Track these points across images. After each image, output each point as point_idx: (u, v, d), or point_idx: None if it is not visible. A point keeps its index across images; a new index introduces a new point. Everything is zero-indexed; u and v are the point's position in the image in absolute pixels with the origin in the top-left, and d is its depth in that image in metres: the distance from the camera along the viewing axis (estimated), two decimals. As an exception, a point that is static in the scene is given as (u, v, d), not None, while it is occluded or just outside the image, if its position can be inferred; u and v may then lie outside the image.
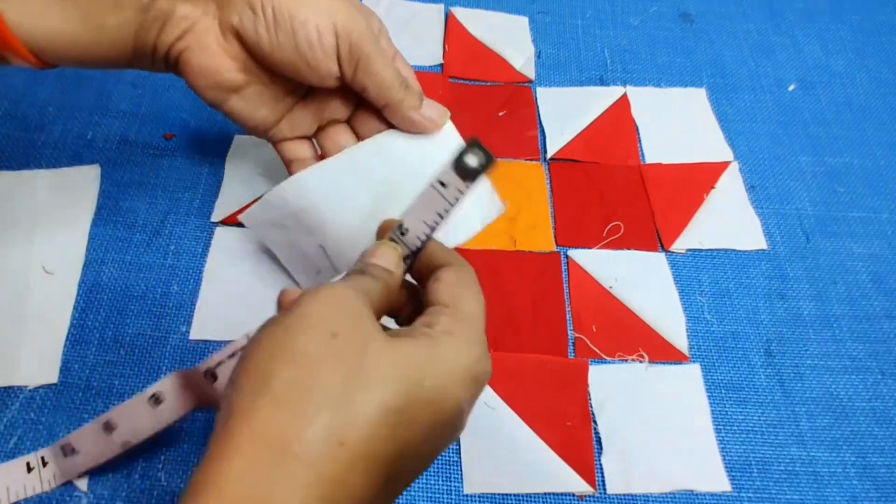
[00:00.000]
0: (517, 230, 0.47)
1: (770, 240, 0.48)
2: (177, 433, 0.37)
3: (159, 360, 0.40)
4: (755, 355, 0.43)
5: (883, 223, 0.50)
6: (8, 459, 0.36)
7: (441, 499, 0.37)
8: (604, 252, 0.46)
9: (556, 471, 0.38)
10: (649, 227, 0.48)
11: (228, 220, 0.46)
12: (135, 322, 0.41)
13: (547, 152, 0.51)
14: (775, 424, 0.40)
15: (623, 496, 0.37)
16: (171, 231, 0.45)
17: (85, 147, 0.48)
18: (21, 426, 0.37)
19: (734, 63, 0.59)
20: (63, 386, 0.39)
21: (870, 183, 0.52)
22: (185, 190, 0.47)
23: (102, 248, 0.44)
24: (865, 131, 0.55)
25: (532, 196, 0.49)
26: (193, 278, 0.43)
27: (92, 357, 0.40)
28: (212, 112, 0.51)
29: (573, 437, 0.39)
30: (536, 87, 0.55)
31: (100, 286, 0.42)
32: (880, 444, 0.40)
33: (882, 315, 0.45)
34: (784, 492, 0.38)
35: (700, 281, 0.46)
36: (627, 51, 0.59)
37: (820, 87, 0.58)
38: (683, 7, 0.63)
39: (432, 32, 0.58)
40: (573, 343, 0.43)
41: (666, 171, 0.51)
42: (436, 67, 0.56)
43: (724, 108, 0.56)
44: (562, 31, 0.60)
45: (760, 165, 0.52)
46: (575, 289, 0.45)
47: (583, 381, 0.41)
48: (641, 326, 0.43)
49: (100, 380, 0.39)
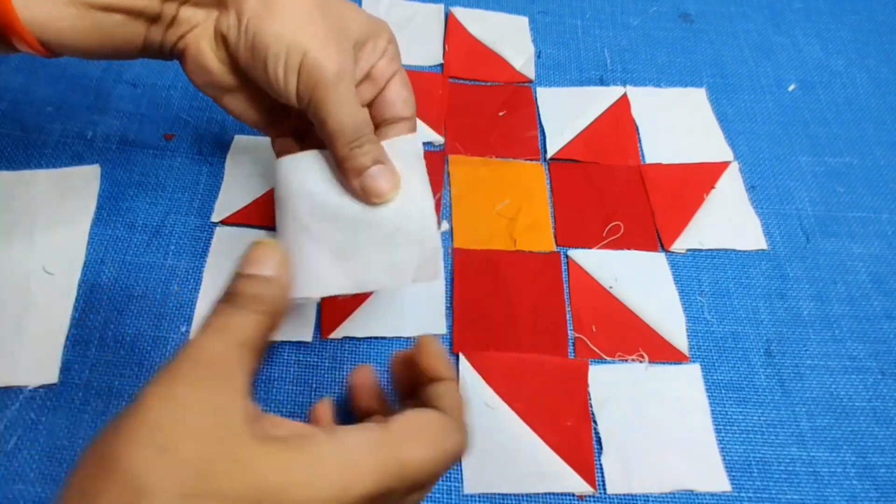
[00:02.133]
0: (517, 230, 0.47)
1: (770, 240, 0.48)
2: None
3: (159, 360, 0.40)
4: (755, 355, 0.43)
5: (883, 223, 0.50)
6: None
7: (441, 499, 0.37)
8: (604, 252, 0.46)
9: (556, 471, 0.38)
10: (649, 227, 0.48)
11: (228, 220, 0.46)
12: (135, 322, 0.41)
13: (547, 152, 0.51)
14: (775, 424, 0.40)
15: (623, 496, 0.37)
16: (171, 231, 0.45)
17: (85, 147, 0.48)
18: (21, 426, 0.37)
19: (734, 63, 0.59)
20: (63, 386, 0.39)
21: (870, 183, 0.52)
22: (185, 190, 0.47)
23: (102, 248, 0.44)
24: (865, 131, 0.55)
25: (532, 196, 0.49)
26: (193, 278, 0.43)
27: (92, 357, 0.40)
28: (212, 112, 0.51)
29: (573, 437, 0.39)
30: (536, 87, 0.55)
31: (100, 286, 0.42)
32: (880, 444, 0.40)
33: (882, 315, 0.45)
34: (784, 492, 0.38)
35: (700, 281, 0.46)
36: (627, 51, 0.59)
37: (820, 87, 0.58)
38: (683, 7, 0.63)
39: (432, 32, 0.58)
40: (573, 343, 0.43)
41: (666, 171, 0.51)
42: (436, 67, 0.56)
43: (724, 108, 0.56)
44: (562, 31, 0.60)
45: (760, 165, 0.52)
46: (575, 289, 0.45)
47: (583, 381, 0.41)
48: (641, 326, 0.43)
49: (100, 380, 0.39)
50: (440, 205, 0.48)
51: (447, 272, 0.45)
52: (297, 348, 0.41)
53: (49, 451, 0.36)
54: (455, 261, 0.45)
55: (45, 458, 0.36)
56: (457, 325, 0.42)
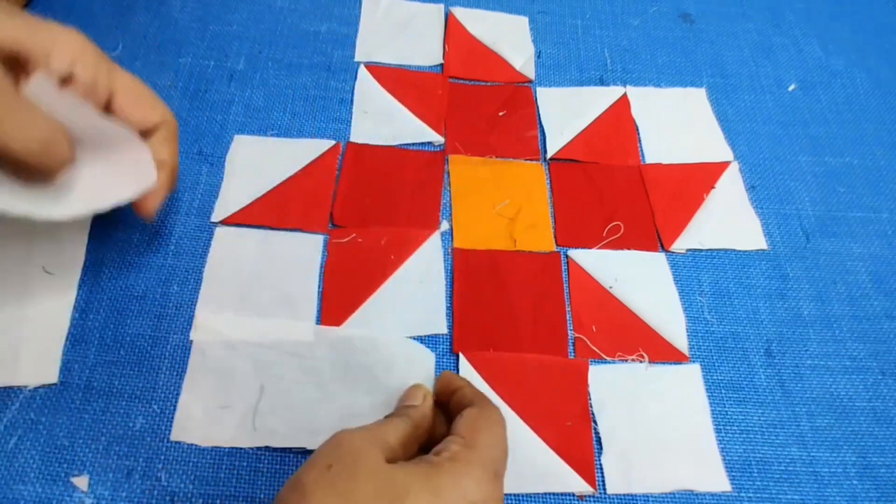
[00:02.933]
0: (517, 230, 0.47)
1: (770, 240, 0.48)
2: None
3: (159, 360, 0.40)
4: (755, 355, 0.43)
5: (883, 223, 0.50)
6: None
7: (441, 499, 0.37)
8: (604, 252, 0.46)
9: (556, 471, 0.38)
10: (649, 227, 0.48)
11: (228, 220, 0.46)
12: (135, 322, 0.41)
13: (547, 152, 0.51)
14: (775, 424, 0.40)
15: (623, 496, 0.37)
16: (171, 231, 0.45)
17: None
18: (21, 426, 0.37)
19: (734, 63, 0.59)
20: (63, 386, 0.39)
21: (870, 183, 0.52)
22: (185, 190, 0.47)
23: (102, 248, 0.44)
24: (865, 131, 0.55)
25: (532, 196, 0.49)
26: (193, 278, 0.43)
27: (92, 357, 0.40)
28: (212, 112, 0.51)
29: (573, 437, 0.39)
30: (536, 87, 0.55)
31: (100, 286, 0.42)
32: (880, 444, 0.40)
33: (882, 315, 0.45)
34: (784, 492, 0.38)
35: (700, 281, 0.46)
36: (627, 51, 0.59)
37: (820, 87, 0.58)
38: (683, 7, 0.63)
39: (432, 32, 0.58)
40: (573, 343, 0.43)
41: (666, 171, 0.51)
42: (436, 67, 0.56)
43: (724, 108, 0.56)
44: (562, 31, 0.60)
45: (760, 165, 0.52)
46: (575, 289, 0.45)
47: (583, 381, 0.41)
48: (641, 326, 0.43)
49: (100, 380, 0.39)
50: (440, 205, 0.48)
51: (447, 272, 0.45)
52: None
53: (49, 451, 0.36)
54: (455, 261, 0.45)
55: (45, 458, 0.36)
56: (457, 325, 0.42)
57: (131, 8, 0.57)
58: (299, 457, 0.37)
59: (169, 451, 0.37)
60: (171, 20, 0.57)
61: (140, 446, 0.37)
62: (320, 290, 0.43)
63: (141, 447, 0.37)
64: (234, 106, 0.52)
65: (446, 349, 0.42)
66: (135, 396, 0.38)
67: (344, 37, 0.57)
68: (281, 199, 0.47)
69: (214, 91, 0.53)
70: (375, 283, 0.43)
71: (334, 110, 0.52)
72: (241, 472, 0.37)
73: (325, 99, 0.53)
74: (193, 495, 0.36)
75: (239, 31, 0.57)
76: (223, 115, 0.51)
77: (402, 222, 0.46)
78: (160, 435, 0.37)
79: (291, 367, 0.40)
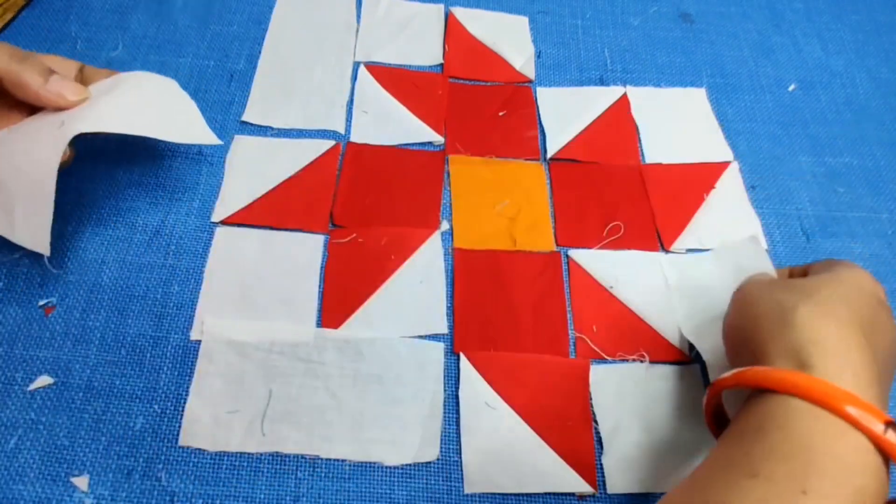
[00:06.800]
0: (517, 230, 0.47)
1: (770, 240, 0.48)
2: (178, 432, 0.37)
3: (160, 360, 0.40)
4: (755, 355, 0.43)
5: (883, 223, 0.50)
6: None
7: (441, 499, 0.37)
8: (604, 252, 0.46)
9: (556, 471, 0.38)
10: (649, 227, 0.48)
11: (228, 220, 0.46)
12: (135, 322, 0.41)
13: (547, 152, 0.51)
14: (775, 424, 0.40)
15: (623, 496, 0.37)
16: (171, 231, 0.45)
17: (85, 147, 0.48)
18: (21, 426, 0.37)
19: (734, 63, 0.59)
20: (63, 386, 0.39)
21: (870, 183, 0.52)
22: (185, 190, 0.47)
23: (103, 248, 0.44)
24: (865, 131, 0.55)
25: (532, 196, 0.49)
26: (193, 278, 0.43)
27: (92, 357, 0.40)
28: (212, 112, 0.51)
29: (573, 437, 0.39)
30: (536, 87, 0.55)
31: (100, 286, 0.42)
32: (880, 444, 0.40)
33: (882, 315, 0.45)
34: (784, 492, 0.38)
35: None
36: (627, 51, 0.59)
37: (820, 87, 0.58)
38: (683, 7, 0.63)
39: (432, 32, 0.58)
40: (574, 343, 0.43)
41: (666, 171, 0.51)
42: (436, 67, 0.56)
43: (724, 108, 0.56)
44: (562, 31, 0.60)
45: (760, 165, 0.52)
46: (575, 289, 0.45)
47: (583, 381, 0.41)
48: (642, 326, 0.43)
49: (100, 380, 0.39)
50: (440, 205, 0.48)
51: (447, 272, 0.45)
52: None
53: (49, 450, 0.36)
54: (455, 261, 0.45)
55: (44, 458, 0.36)
56: (457, 325, 0.42)
57: (131, 8, 0.57)
58: (299, 458, 0.37)
59: (169, 452, 0.37)
60: (171, 20, 0.57)
61: (140, 446, 0.37)
62: (321, 289, 0.43)
63: (141, 447, 0.37)
64: (234, 106, 0.52)
65: (447, 349, 0.42)
66: (135, 396, 0.38)
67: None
68: (281, 199, 0.47)
69: (214, 91, 0.53)
70: (376, 283, 0.44)
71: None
72: (241, 472, 0.37)
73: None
74: (193, 495, 0.36)
75: (239, 31, 0.57)
76: (224, 116, 0.51)
77: (403, 222, 0.46)
78: (160, 435, 0.37)
79: (299, 373, 0.40)
